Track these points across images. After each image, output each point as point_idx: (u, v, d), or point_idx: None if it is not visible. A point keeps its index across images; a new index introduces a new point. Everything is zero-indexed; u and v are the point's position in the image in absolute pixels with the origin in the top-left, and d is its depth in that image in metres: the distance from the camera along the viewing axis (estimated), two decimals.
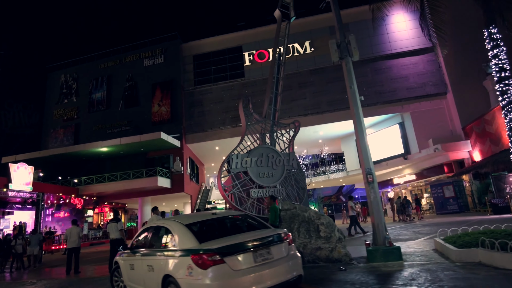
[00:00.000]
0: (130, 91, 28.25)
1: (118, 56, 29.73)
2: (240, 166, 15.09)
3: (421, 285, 4.56)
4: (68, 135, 28.68)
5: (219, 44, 27.99)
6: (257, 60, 26.80)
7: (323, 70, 25.36)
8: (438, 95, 23.37)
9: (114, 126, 27.61)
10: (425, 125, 23.05)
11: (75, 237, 8.96)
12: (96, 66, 30.03)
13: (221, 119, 26.40)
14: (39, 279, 8.89)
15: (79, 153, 25.19)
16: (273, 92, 17.06)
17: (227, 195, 14.57)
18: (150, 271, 4.31)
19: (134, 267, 4.81)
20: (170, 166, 25.47)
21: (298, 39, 26.46)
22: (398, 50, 24.74)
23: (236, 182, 15.03)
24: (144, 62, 28.57)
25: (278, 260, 3.75)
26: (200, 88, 27.52)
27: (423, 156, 22.30)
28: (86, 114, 28.99)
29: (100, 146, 23.97)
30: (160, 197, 27.01)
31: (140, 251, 4.79)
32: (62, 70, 31.22)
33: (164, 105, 26.77)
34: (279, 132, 17.04)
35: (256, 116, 16.72)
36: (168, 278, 3.87)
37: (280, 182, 15.57)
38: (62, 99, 30.25)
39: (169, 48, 28.35)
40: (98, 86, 29.19)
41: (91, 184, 24.54)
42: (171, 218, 5.04)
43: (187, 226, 4.14)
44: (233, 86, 26.89)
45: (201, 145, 27.53)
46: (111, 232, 8.01)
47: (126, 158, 26.32)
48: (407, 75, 24.14)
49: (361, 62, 24.86)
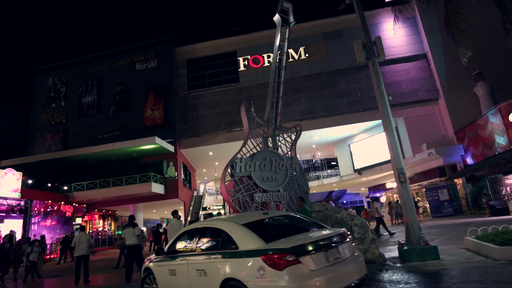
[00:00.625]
0: (122, 95, 27.67)
1: (109, 60, 29.13)
2: (244, 170, 14.88)
3: (482, 282, 4.51)
4: (56, 140, 27.74)
5: (213, 48, 27.85)
6: (252, 65, 26.78)
7: (318, 75, 25.59)
8: (430, 101, 23.92)
9: (105, 131, 26.90)
10: (418, 130, 23.50)
11: (84, 244, 8.50)
12: (86, 69, 29.31)
13: (216, 124, 26.15)
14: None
15: (69, 159, 24.39)
16: (275, 96, 17.03)
17: (231, 200, 14.34)
18: (201, 275, 4.06)
19: (176, 272, 4.54)
20: (164, 171, 24.97)
21: (292, 45, 26.55)
22: (391, 56, 25.19)
23: (240, 186, 14.83)
24: (137, 66, 28.08)
25: (347, 259, 3.62)
26: (194, 92, 27.24)
27: (417, 160, 22.67)
28: (76, 119, 28.15)
29: (92, 151, 23.27)
30: (153, 204, 26.43)
31: (183, 255, 4.53)
32: (50, 74, 30.33)
33: (157, 110, 26.32)
34: (281, 136, 16.99)
35: (259, 119, 16.61)
36: (230, 282, 3.66)
37: (284, 186, 15.48)
38: (50, 103, 29.32)
39: (162, 52, 28.00)
40: (88, 90, 28.46)
41: (81, 191, 23.72)
42: (221, 219, 4.85)
43: (246, 226, 3.96)
44: (227, 91, 26.74)
45: (194, 150, 27.15)
46: (127, 237, 7.62)
47: (118, 164, 25.64)
48: (400, 81, 24.63)
49: (355, 68, 25.37)
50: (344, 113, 24.77)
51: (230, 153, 30.15)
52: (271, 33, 27.30)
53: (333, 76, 25.61)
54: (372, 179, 28.28)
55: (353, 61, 25.57)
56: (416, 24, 25.41)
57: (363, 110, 24.54)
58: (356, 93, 24.93)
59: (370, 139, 26.43)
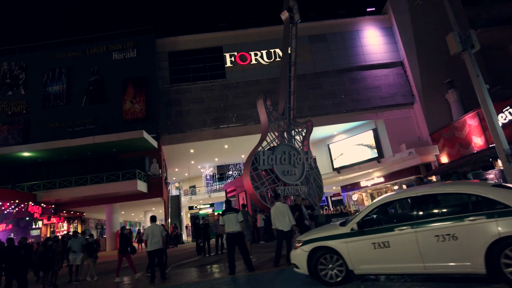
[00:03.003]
0: (96, 85, 25.40)
1: (81, 47, 26.57)
2: (267, 163, 14.70)
3: None
4: (15, 133, 24.43)
5: (197, 42, 26.99)
6: (238, 62, 26.48)
7: (304, 76, 26.14)
8: (407, 105, 25.91)
9: (77, 124, 24.43)
10: (396, 131, 25.27)
11: (157, 237, 7.55)
12: (51, 55, 26.33)
13: (202, 120, 25.32)
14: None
15: (34, 154, 21.68)
16: (287, 91, 17.12)
17: (257, 193, 14.01)
18: (445, 240, 4.00)
19: (390, 244, 4.40)
20: (146, 169, 23.45)
21: (279, 45, 26.96)
22: (371, 62, 26.84)
23: (264, 179, 14.57)
24: (113, 55, 26.04)
25: None
26: (177, 86, 26.07)
27: (396, 159, 24.34)
28: (39, 109, 25.10)
29: (68, 144, 20.98)
30: (131, 204, 24.64)
31: (400, 225, 4.42)
32: (5, 57, 26.67)
33: (138, 103, 24.67)
34: (294, 130, 17.09)
35: (275, 113, 16.54)
36: (505, 241, 3.72)
37: (301, 181, 15.56)
38: (6, 90, 25.75)
39: (142, 42, 26.35)
40: (55, 78, 25.60)
41: (53, 189, 21.22)
42: (460, 184, 4.94)
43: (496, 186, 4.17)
44: (213, 87, 26.09)
45: (174, 148, 25.92)
46: (229, 224, 6.94)
47: (92, 160, 23.49)
48: (379, 85, 26.30)
49: (338, 71, 26.52)
50: (329, 113, 25.68)
51: (215, 151, 29.57)
52: (258, 31, 27.47)
53: (319, 78, 26.44)
54: (349, 178, 29.63)
55: (336, 64, 26.79)
56: (393, 34, 27.41)
57: (347, 111, 25.71)
58: (340, 95, 26.03)
59: (349, 140, 27.74)
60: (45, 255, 8.40)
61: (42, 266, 8.53)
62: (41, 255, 8.51)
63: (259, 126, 25.39)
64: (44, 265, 8.47)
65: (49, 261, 8.41)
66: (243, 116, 25.46)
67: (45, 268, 8.53)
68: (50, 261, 8.42)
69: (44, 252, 8.50)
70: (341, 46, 27.08)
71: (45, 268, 8.53)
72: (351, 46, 27.18)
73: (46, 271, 8.59)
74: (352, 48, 27.13)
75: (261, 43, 26.90)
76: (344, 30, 27.56)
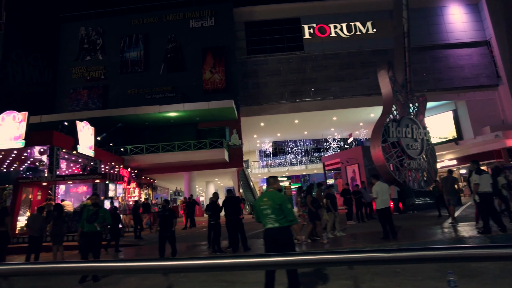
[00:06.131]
0: (174, 53, 25.20)
1: (156, 13, 26.22)
2: (395, 136, 14.46)
3: None
4: (94, 98, 24.64)
5: (274, 13, 26.33)
6: (317, 34, 25.82)
7: (385, 51, 25.35)
8: (491, 87, 25.01)
9: (155, 91, 24.44)
10: (478, 113, 24.53)
11: (385, 195, 7.39)
12: (128, 21, 26.11)
13: (279, 93, 25.03)
14: None
15: (125, 118, 21.87)
16: (404, 63, 16.62)
17: (388, 165, 13.85)
18: None
19: None
20: (227, 139, 23.46)
21: (359, 18, 26.14)
22: (454, 41, 25.82)
23: (392, 152, 14.38)
24: (191, 23, 25.64)
25: None
26: (254, 58, 25.70)
27: (478, 141, 23.72)
28: (117, 75, 25.15)
29: (159, 111, 21.09)
30: (208, 173, 24.84)
31: None
32: (82, 22, 26.57)
33: (218, 73, 24.42)
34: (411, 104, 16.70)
35: (398, 85, 16.14)
36: None
37: (422, 155, 15.31)
38: (84, 55, 25.81)
39: (220, 11, 25.82)
40: (132, 45, 25.47)
41: (140, 154, 21.48)
42: None
43: None
44: (291, 59, 25.61)
45: (246, 120, 25.79)
46: (483, 184, 6.77)
47: (173, 128, 23.59)
48: (462, 65, 25.38)
49: (419, 48, 25.58)
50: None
51: (283, 126, 29.35)
52: (337, 3, 26.57)
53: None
54: None
55: (418, 41, 25.82)
56: (479, 11, 26.16)
57: (428, 90, 24.97)
58: (422, 73, 25.26)
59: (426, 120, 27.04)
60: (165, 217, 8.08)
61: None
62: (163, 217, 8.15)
63: (336, 101, 25.19)
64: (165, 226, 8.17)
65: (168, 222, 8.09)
66: (321, 90, 25.05)
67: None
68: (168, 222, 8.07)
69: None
70: (423, 23, 26.02)
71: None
72: (434, 23, 26.13)
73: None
74: (435, 25, 26.10)
75: (340, 15, 26.07)
76: (428, 6, 26.41)
